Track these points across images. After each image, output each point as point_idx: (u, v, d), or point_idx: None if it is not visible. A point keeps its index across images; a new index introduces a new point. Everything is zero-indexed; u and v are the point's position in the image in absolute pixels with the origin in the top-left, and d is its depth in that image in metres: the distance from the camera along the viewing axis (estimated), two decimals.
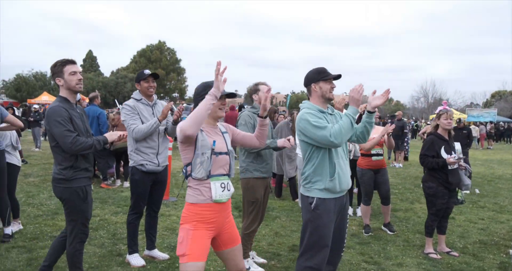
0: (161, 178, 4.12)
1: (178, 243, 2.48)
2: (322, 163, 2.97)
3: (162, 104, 4.20)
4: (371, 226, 5.57)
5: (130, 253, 4.06)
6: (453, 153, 4.51)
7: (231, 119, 11.23)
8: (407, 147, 14.30)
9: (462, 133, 10.06)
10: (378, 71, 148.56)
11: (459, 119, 10.49)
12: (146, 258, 4.16)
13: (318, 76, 3.09)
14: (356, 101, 2.90)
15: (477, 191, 8.81)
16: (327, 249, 3.01)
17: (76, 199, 3.13)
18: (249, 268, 3.94)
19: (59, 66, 3.14)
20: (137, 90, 4.07)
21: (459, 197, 4.68)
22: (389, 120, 23.87)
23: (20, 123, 4.86)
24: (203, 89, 2.58)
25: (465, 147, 9.43)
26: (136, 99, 4.02)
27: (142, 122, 3.89)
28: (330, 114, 3.14)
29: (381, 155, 5.47)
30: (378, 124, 5.87)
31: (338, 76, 3.11)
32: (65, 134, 2.98)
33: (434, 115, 5.25)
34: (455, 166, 4.50)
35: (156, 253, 4.24)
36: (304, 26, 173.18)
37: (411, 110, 62.75)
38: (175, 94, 60.34)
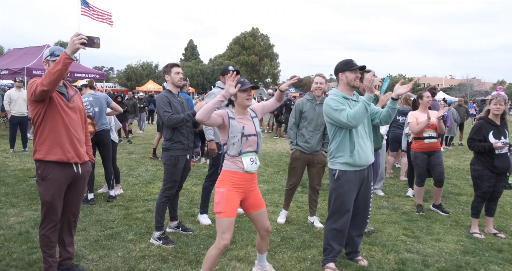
0: None
1: (215, 203, 3.15)
2: (344, 141, 3.53)
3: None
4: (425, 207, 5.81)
5: (201, 213, 4.99)
6: (502, 137, 4.59)
7: None
8: None
9: None
10: (490, 50, 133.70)
11: None
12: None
13: (345, 67, 3.60)
14: (369, 88, 3.36)
15: None
16: (349, 214, 3.58)
17: (169, 164, 4.19)
18: (313, 222, 4.98)
19: (168, 67, 4.30)
20: (220, 81, 5.00)
21: (510, 182, 4.74)
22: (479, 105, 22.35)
23: (121, 110, 6.15)
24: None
25: None
26: (220, 88, 4.92)
27: None
28: (355, 101, 3.64)
29: (434, 137, 5.62)
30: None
31: (363, 67, 3.57)
32: (164, 114, 4.09)
33: None
34: (504, 151, 4.58)
35: None
36: (404, 4, 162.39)
37: None
38: (268, 80, 61.91)
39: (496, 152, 4.56)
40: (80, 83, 6.16)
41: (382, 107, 4.32)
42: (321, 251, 4.06)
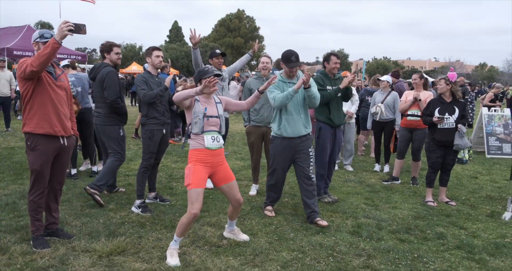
0: None
1: (185, 177, 3.51)
2: (276, 116, 4.50)
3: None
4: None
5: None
6: (446, 114, 5.02)
7: None
8: (471, 114, 13.99)
9: None
10: (474, 33, 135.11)
11: None
12: None
13: (284, 60, 4.40)
14: (297, 86, 4.17)
15: None
16: (282, 171, 4.55)
17: (145, 137, 4.59)
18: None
19: (150, 50, 4.66)
20: (210, 64, 5.31)
21: (460, 157, 5.21)
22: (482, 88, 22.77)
23: None
24: (198, 75, 3.61)
25: None
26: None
27: None
28: (292, 83, 4.42)
29: (418, 116, 5.97)
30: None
31: (297, 65, 4.38)
32: (140, 91, 4.52)
33: None
34: (446, 126, 5.03)
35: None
36: None
37: (506, 76, 57.15)
38: (254, 62, 61.81)
39: (438, 126, 5.03)
40: (62, 63, 6.36)
41: (346, 88, 4.83)
42: (287, 218, 4.52)
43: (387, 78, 7.04)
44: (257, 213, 4.67)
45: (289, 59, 4.35)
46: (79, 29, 3.21)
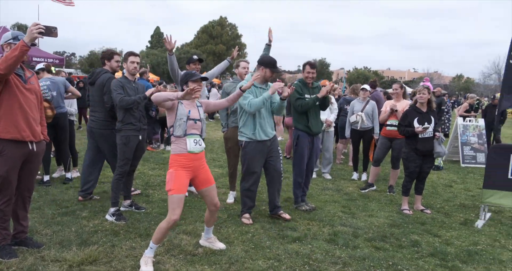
0: None
1: (166, 182, 3.45)
2: (248, 121, 4.56)
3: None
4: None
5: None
6: (426, 123, 5.11)
7: None
8: (448, 124, 14.28)
9: (495, 109, 10.21)
10: (451, 45, 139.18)
11: (494, 96, 10.52)
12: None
13: (269, 65, 4.52)
14: (272, 90, 4.31)
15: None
16: (256, 175, 4.61)
17: (121, 143, 4.49)
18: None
19: (126, 55, 4.59)
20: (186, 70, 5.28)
21: (436, 164, 5.30)
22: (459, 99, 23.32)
23: (79, 94, 6.32)
24: (185, 77, 3.60)
25: (498, 123, 9.66)
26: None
27: None
28: (264, 89, 4.55)
29: (395, 126, 5.98)
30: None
31: (277, 71, 4.61)
32: (116, 95, 4.40)
33: (498, 94, 5.87)
34: (426, 135, 5.11)
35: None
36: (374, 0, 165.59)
37: (481, 87, 58.84)
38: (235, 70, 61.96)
39: (420, 136, 5.09)
40: (37, 67, 6.22)
41: (324, 98, 4.92)
42: (264, 225, 4.50)
43: (366, 87, 7.15)
44: (234, 221, 4.62)
45: (275, 65, 4.55)
46: (50, 31, 3.13)
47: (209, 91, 16.47)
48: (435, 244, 4.22)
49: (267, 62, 4.53)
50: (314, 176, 7.04)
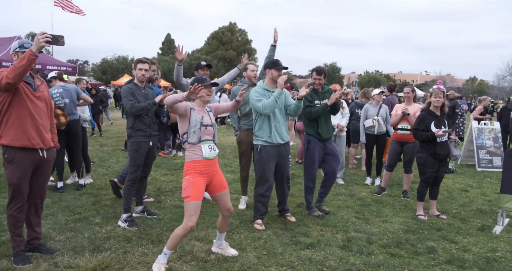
0: None
1: (183, 189, 3.45)
2: (264, 124, 4.55)
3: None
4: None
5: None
6: (442, 127, 5.02)
7: None
8: (462, 127, 14.04)
9: (511, 112, 10.06)
10: (464, 47, 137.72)
11: (509, 98, 10.34)
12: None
13: (272, 65, 4.58)
14: (280, 86, 4.33)
15: None
16: (270, 181, 4.63)
17: (131, 149, 4.52)
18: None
19: (135, 63, 4.61)
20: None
21: (449, 167, 5.20)
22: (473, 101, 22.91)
23: (91, 101, 6.40)
24: (195, 82, 3.55)
25: None
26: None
27: None
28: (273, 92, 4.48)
29: (407, 129, 5.99)
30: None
31: (285, 68, 4.52)
32: (127, 102, 4.45)
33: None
34: (444, 139, 5.02)
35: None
36: (384, 2, 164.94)
37: (496, 89, 57.96)
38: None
39: (438, 140, 5.00)
40: (49, 75, 6.30)
41: (334, 104, 4.93)
42: (276, 232, 4.45)
43: (379, 90, 7.08)
44: (246, 227, 4.59)
45: (277, 63, 4.59)
46: (57, 40, 3.15)
47: (219, 96, 16.53)
48: (452, 251, 4.12)
49: (269, 64, 4.63)
50: (341, 182, 7.01)
